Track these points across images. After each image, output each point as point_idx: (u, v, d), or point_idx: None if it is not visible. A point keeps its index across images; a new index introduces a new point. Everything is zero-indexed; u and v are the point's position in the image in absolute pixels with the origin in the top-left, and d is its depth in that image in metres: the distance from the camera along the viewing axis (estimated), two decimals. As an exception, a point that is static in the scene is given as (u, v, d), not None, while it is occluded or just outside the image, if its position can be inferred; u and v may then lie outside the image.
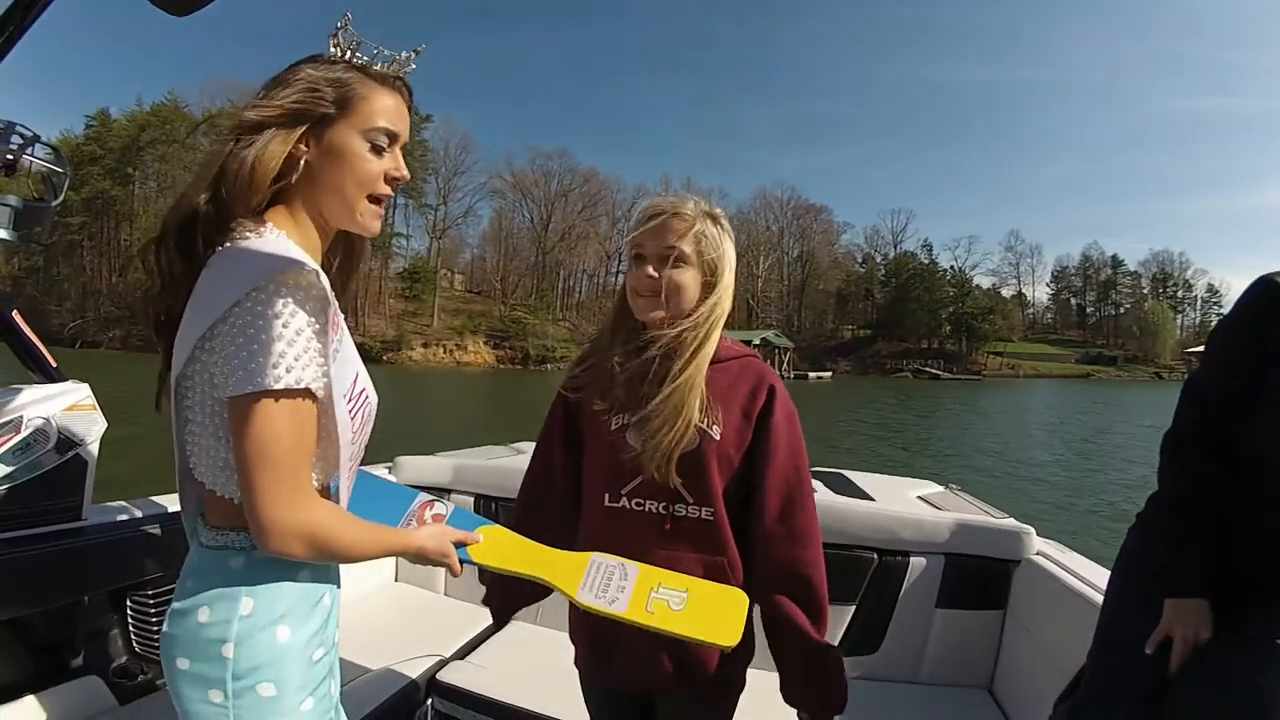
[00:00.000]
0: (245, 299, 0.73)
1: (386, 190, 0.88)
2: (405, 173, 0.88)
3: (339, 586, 0.90)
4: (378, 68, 0.87)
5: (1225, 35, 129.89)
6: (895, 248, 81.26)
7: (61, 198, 1.57)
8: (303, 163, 0.83)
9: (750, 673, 1.22)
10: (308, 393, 0.75)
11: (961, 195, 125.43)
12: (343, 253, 0.97)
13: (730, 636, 0.95)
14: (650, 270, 1.10)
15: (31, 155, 1.49)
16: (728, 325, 1.18)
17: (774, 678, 1.18)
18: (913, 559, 2.00)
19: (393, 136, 0.86)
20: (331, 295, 0.79)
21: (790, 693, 1.16)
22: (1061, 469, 12.03)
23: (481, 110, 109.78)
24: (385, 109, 0.85)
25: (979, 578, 1.97)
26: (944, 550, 2.00)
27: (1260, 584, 1.08)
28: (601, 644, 1.18)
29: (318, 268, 0.79)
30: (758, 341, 52.07)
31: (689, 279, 1.11)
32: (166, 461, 0.87)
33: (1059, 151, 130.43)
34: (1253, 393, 1.08)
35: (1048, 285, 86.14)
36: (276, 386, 0.71)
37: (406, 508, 1.06)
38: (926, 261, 78.96)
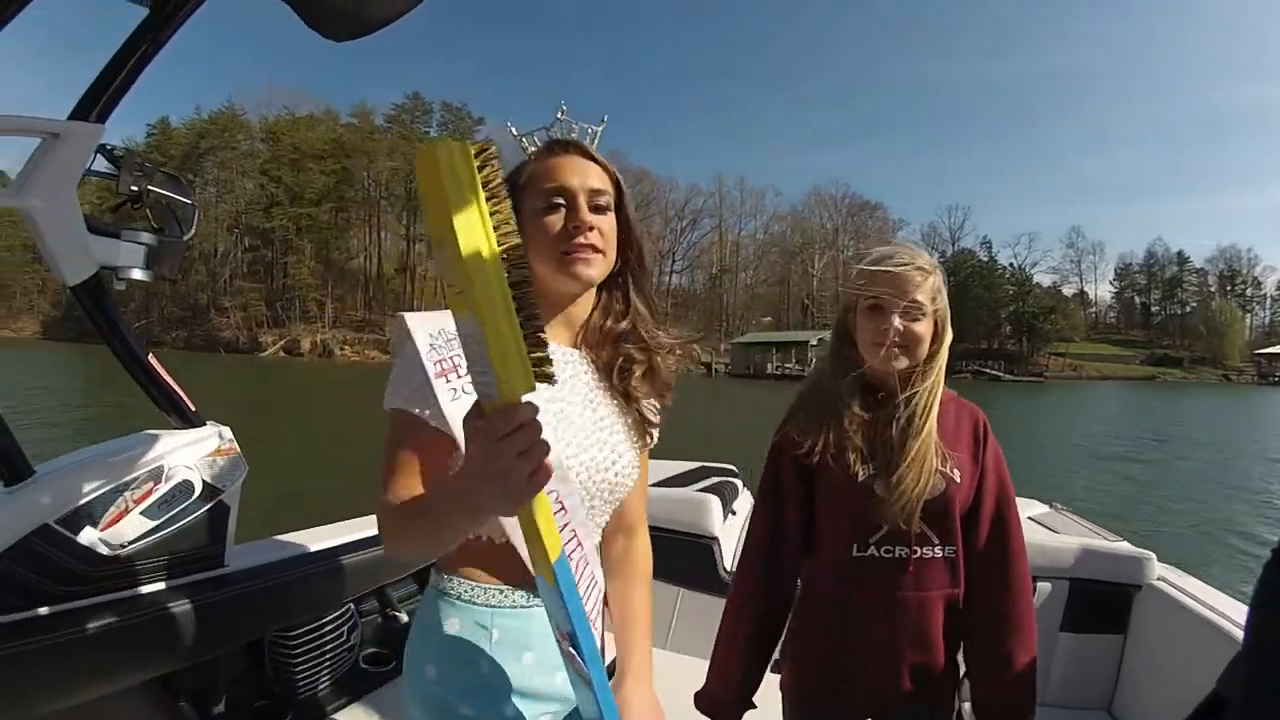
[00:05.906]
0: None
1: (573, 242, 0.88)
2: (585, 218, 0.88)
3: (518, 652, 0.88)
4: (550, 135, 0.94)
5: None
6: (953, 245, 79.03)
7: (194, 231, 1.49)
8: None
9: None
10: (403, 413, 0.84)
11: (1020, 190, 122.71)
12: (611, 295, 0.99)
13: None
14: (897, 323, 1.12)
15: (155, 186, 1.41)
16: (784, 325, 1.09)
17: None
18: (1039, 584, 2.02)
19: (563, 191, 0.89)
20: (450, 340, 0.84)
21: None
22: (1155, 482, 11.25)
23: (529, 112, 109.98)
24: (546, 172, 0.90)
25: (1101, 602, 2.03)
26: (1068, 575, 2.05)
27: None
28: (832, 668, 1.18)
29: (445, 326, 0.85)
30: (815, 342, 51.03)
31: (925, 330, 1.14)
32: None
33: (1120, 145, 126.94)
34: None
35: (1110, 283, 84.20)
36: (386, 408, 0.85)
37: None
38: (985, 259, 76.68)
